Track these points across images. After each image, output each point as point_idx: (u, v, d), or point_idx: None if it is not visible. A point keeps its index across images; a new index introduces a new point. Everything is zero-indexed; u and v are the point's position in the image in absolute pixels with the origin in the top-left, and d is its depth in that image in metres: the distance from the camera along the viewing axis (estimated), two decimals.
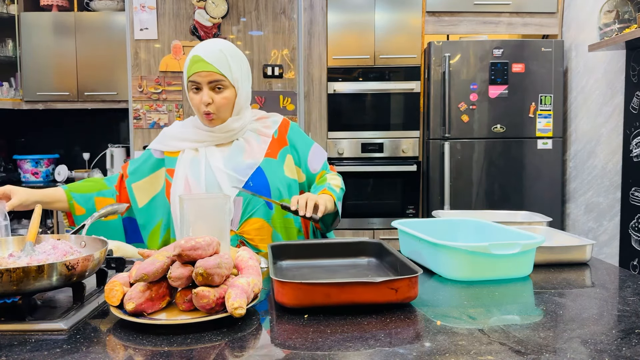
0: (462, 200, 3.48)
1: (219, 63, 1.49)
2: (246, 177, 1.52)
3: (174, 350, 0.81)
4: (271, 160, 1.57)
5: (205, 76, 1.48)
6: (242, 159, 1.55)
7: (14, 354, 0.80)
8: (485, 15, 3.63)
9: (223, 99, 1.51)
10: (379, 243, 1.30)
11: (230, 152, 1.56)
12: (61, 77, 3.94)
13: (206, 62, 1.48)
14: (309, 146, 1.67)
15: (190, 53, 1.52)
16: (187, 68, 1.51)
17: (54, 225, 3.78)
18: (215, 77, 1.49)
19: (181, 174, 1.54)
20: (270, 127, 1.64)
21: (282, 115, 1.71)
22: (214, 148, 1.57)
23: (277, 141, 1.62)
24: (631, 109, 2.81)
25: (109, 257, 1.19)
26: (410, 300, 1.01)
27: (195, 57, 1.49)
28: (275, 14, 3.61)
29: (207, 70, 1.47)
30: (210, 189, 1.50)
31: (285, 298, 0.98)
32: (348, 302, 0.98)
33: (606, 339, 0.84)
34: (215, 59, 1.49)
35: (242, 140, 1.60)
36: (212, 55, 1.49)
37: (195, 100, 1.52)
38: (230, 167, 1.53)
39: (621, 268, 1.33)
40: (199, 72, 1.48)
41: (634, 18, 2.72)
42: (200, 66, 1.47)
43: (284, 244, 1.33)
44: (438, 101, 3.45)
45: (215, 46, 1.50)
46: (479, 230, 1.42)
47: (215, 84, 1.50)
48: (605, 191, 3.18)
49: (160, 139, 1.64)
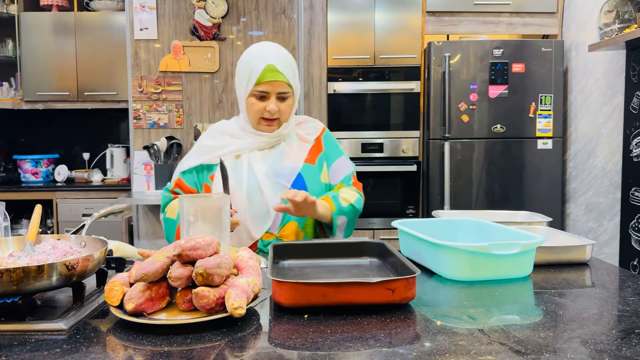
0: (462, 200, 3.48)
1: (289, 73, 1.50)
2: (289, 183, 1.52)
3: (174, 350, 0.81)
4: (310, 166, 1.58)
5: (277, 86, 1.48)
6: (284, 163, 1.55)
7: (14, 354, 0.80)
8: (485, 15, 3.63)
9: (287, 107, 1.53)
10: (382, 243, 1.29)
11: (272, 156, 1.56)
12: (61, 77, 3.94)
13: (280, 72, 1.47)
14: (337, 157, 1.66)
15: (255, 58, 1.49)
16: (258, 75, 1.47)
17: (54, 225, 3.79)
18: (285, 88, 1.50)
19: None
20: (310, 134, 1.64)
21: (319, 121, 1.71)
22: (256, 152, 1.56)
23: (315, 147, 1.62)
24: (631, 109, 2.81)
25: (109, 257, 1.19)
26: (407, 301, 1.00)
27: (269, 66, 1.47)
28: (275, 14, 3.61)
29: (279, 80, 1.47)
30: (252, 195, 1.49)
31: (282, 297, 0.99)
32: (345, 302, 0.98)
33: (606, 339, 0.84)
34: (286, 69, 1.49)
35: (284, 144, 1.59)
36: (283, 66, 1.49)
37: (258, 107, 1.50)
38: (273, 172, 1.52)
39: (621, 268, 1.33)
40: (271, 82, 1.47)
41: (634, 18, 2.72)
42: (273, 75, 1.47)
43: (286, 243, 1.33)
44: (438, 101, 3.45)
45: (283, 54, 1.51)
46: (479, 230, 1.42)
47: (283, 95, 1.50)
48: (605, 191, 3.18)
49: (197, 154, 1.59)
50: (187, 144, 3.63)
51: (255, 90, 1.49)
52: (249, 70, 1.49)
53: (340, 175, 1.64)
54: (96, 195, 3.80)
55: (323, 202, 1.49)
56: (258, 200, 1.49)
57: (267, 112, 1.50)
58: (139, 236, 3.61)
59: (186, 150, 3.63)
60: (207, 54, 3.59)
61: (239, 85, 1.55)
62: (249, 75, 1.49)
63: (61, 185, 3.94)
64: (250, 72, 1.49)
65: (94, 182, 4.07)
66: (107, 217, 1.45)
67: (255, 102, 1.50)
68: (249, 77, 1.49)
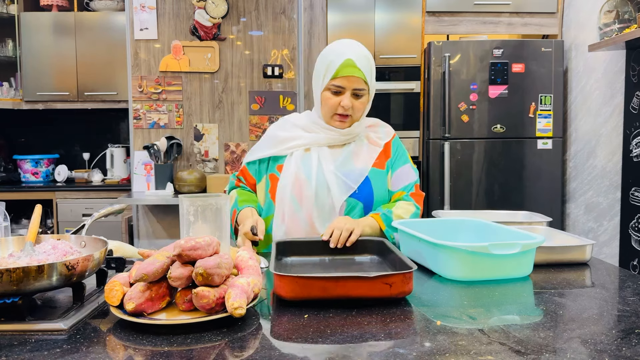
0: (462, 200, 3.48)
1: (367, 70, 1.49)
2: (356, 184, 1.52)
3: (174, 350, 0.81)
4: (378, 171, 1.57)
5: (353, 82, 1.48)
6: (352, 164, 1.55)
7: (14, 354, 0.80)
8: (485, 15, 3.63)
9: (361, 104, 1.52)
10: (381, 241, 1.32)
11: (342, 155, 1.56)
12: (61, 77, 3.94)
13: (358, 68, 1.47)
14: (402, 164, 1.64)
15: (334, 53, 1.49)
16: (335, 69, 1.48)
17: (54, 225, 3.79)
18: (361, 84, 1.49)
19: (292, 170, 1.53)
20: (381, 138, 1.63)
21: (390, 127, 1.70)
22: (325, 148, 1.56)
23: (383, 152, 1.61)
24: (631, 109, 2.81)
25: (109, 257, 1.19)
26: (404, 295, 1.02)
27: (348, 60, 1.47)
28: (275, 14, 3.61)
29: (356, 76, 1.47)
30: (320, 190, 1.50)
31: (283, 291, 1.01)
32: (344, 295, 1.00)
33: (606, 339, 0.84)
34: (364, 66, 1.49)
35: (354, 145, 1.59)
36: (362, 62, 1.48)
37: (333, 101, 1.50)
38: (342, 172, 1.53)
39: (621, 268, 1.33)
40: (348, 77, 1.47)
41: (634, 18, 2.72)
42: (351, 71, 1.47)
43: (289, 240, 1.35)
44: (438, 101, 3.45)
45: (363, 51, 1.51)
46: (479, 230, 1.42)
47: (358, 91, 1.50)
48: (605, 191, 3.18)
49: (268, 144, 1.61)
50: (187, 144, 3.63)
51: (332, 84, 1.49)
52: (327, 64, 1.50)
53: (401, 183, 1.62)
54: (96, 195, 3.80)
55: (371, 223, 1.48)
56: (325, 196, 1.51)
57: (341, 107, 1.50)
58: (139, 236, 3.61)
59: (186, 150, 3.63)
60: (207, 54, 3.59)
61: (316, 78, 1.55)
62: (327, 69, 1.50)
63: (61, 185, 3.94)
64: (328, 66, 1.49)
65: (94, 182, 4.07)
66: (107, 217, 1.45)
67: (330, 96, 1.51)
68: (326, 71, 1.50)
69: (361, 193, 1.52)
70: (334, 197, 1.50)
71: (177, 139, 3.55)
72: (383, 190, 1.57)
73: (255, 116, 3.63)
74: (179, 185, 3.44)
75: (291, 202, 1.51)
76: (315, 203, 1.50)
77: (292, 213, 1.51)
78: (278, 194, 1.53)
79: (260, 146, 1.63)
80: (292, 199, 1.51)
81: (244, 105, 3.64)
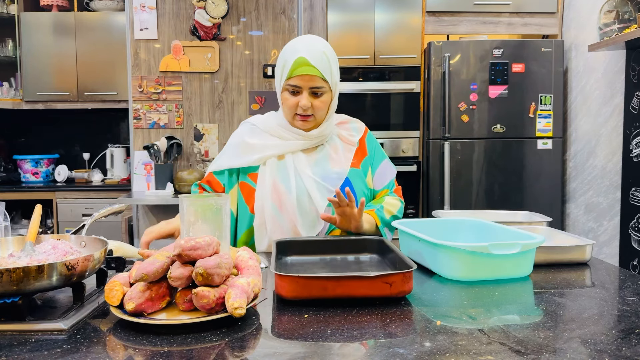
0: (462, 200, 3.48)
1: (323, 67, 1.42)
2: (335, 187, 1.47)
3: (174, 350, 0.81)
4: (356, 171, 1.55)
5: (308, 80, 1.42)
6: (330, 168, 1.51)
7: (14, 354, 0.80)
8: (485, 15, 3.63)
9: (321, 103, 1.46)
10: (382, 240, 1.32)
11: (317, 159, 1.52)
12: (61, 77, 3.94)
13: (312, 66, 1.41)
14: (381, 160, 1.62)
15: (289, 51, 1.44)
16: (289, 69, 1.43)
17: (54, 225, 3.79)
18: (318, 82, 1.43)
19: (268, 179, 1.48)
20: (353, 135, 1.60)
21: (361, 121, 1.67)
22: (300, 153, 1.51)
23: (359, 150, 1.58)
24: (631, 109, 2.81)
25: (109, 257, 1.19)
26: (404, 294, 1.02)
27: (300, 59, 1.41)
28: (275, 14, 3.61)
29: (311, 74, 1.41)
30: (301, 198, 1.46)
31: (284, 291, 1.01)
32: (344, 295, 1.00)
33: (606, 339, 0.84)
34: (320, 63, 1.42)
35: (328, 147, 1.55)
36: (316, 59, 1.42)
37: (291, 102, 1.45)
38: (319, 175, 1.49)
39: (621, 268, 1.33)
40: (301, 76, 1.42)
41: (634, 18, 2.72)
42: (305, 70, 1.41)
43: (289, 240, 1.34)
44: (438, 101, 3.45)
45: (318, 47, 1.43)
46: (479, 230, 1.42)
47: (316, 89, 1.44)
48: (605, 191, 3.18)
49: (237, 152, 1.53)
50: (187, 144, 3.63)
51: (288, 85, 1.44)
52: (283, 63, 1.45)
53: (384, 180, 1.61)
54: (96, 195, 3.80)
55: (368, 218, 1.48)
56: (306, 203, 1.46)
57: (300, 107, 1.45)
58: (139, 236, 3.61)
59: (186, 150, 3.63)
60: (207, 54, 3.59)
61: (276, 79, 1.51)
62: (282, 69, 1.45)
63: (61, 185, 3.94)
64: (284, 66, 1.45)
65: (94, 182, 4.07)
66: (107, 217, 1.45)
67: (288, 96, 1.46)
68: (282, 71, 1.45)
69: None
70: (317, 203, 1.46)
71: (177, 139, 3.55)
72: (363, 188, 1.55)
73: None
74: (179, 185, 3.44)
75: (272, 211, 1.46)
76: (298, 211, 1.46)
77: (274, 222, 1.47)
78: (257, 204, 1.48)
79: (229, 154, 1.55)
80: (273, 209, 1.46)
81: (244, 105, 3.64)
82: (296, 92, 1.45)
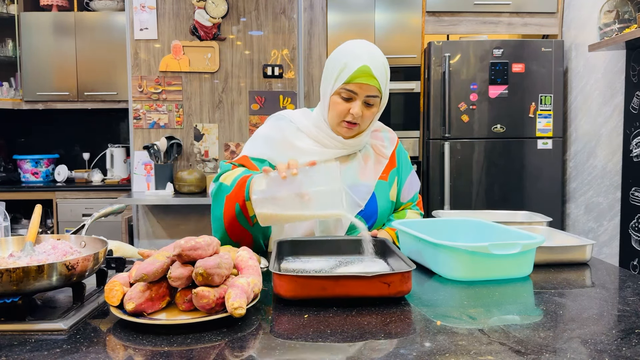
0: (462, 200, 3.48)
1: (382, 79, 1.40)
2: (364, 202, 1.47)
3: (174, 350, 0.81)
4: (383, 183, 1.53)
5: (367, 90, 1.38)
6: (359, 179, 1.49)
7: (14, 354, 0.80)
8: (485, 15, 3.63)
9: (371, 113, 1.43)
10: (382, 240, 1.32)
11: (348, 167, 1.49)
12: (61, 77, 3.94)
13: (374, 76, 1.38)
14: (409, 172, 1.61)
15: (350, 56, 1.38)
16: (349, 74, 1.37)
17: (54, 225, 3.79)
18: (374, 93, 1.40)
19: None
20: (386, 147, 1.58)
21: (392, 130, 1.65)
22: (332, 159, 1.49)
23: (389, 162, 1.57)
24: (631, 109, 2.81)
25: (109, 257, 1.19)
26: (403, 294, 1.02)
27: (364, 67, 1.37)
28: (275, 14, 3.61)
29: (371, 84, 1.38)
30: None
31: (283, 290, 1.01)
32: (342, 295, 1.00)
33: (606, 339, 0.84)
34: (381, 74, 1.39)
35: (360, 156, 1.52)
36: (379, 70, 1.39)
37: (342, 107, 1.41)
38: (349, 187, 1.45)
39: (621, 268, 1.33)
40: (361, 84, 1.37)
41: (634, 18, 2.72)
42: (366, 79, 1.37)
43: (290, 240, 1.34)
44: (438, 101, 3.45)
45: (380, 59, 1.41)
46: (479, 230, 1.42)
47: (370, 99, 1.41)
48: (605, 191, 3.18)
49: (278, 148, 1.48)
50: (187, 144, 3.63)
51: (343, 89, 1.39)
52: (341, 66, 1.39)
53: (410, 194, 1.60)
54: (96, 195, 3.80)
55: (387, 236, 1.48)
56: None
57: (351, 114, 1.40)
58: (139, 236, 3.61)
59: (186, 150, 3.63)
60: (207, 54, 3.59)
61: (327, 79, 1.45)
62: (340, 72, 1.39)
63: (61, 185, 3.94)
64: (342, 69, 1.39)
65: (94, 182, 4.07)
66: (107, 217, 1.45)
67: (339, 101, 1.41)
68: (340, 74, 1.39)
69: (367, 210, 1.49)
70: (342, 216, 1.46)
71: (177, 139, 3.55)
72: (385, 202, 1.54)
73: (255, 116, 3.63)
74: (179, 185, 3.44)
75: None
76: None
77: (292, 226, 1.46)
78: None
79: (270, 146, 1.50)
80: None
81: (244, 105, 3.65)
82: (350, 98, 1.41)
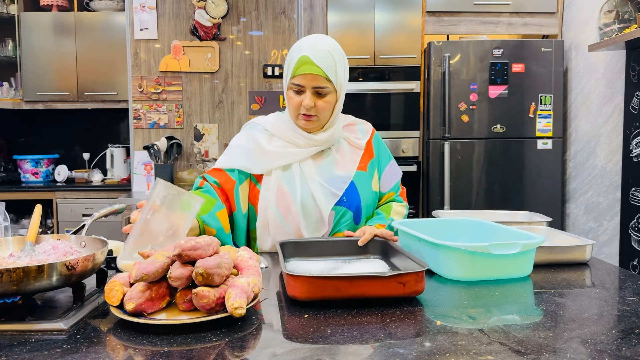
0: (462, 200, 3.48)
1: (327, 67, 1.40)
2: (341, 191, 1.48)
3: (174, 350, 0.81)
4: (362, 174, 1.54)
5: (311, 80, 1.40)
6: (335, 171, 1.51)
7: (14, 354, 0.80)
8: (485, 15, 3.63)
9: (325, 103, 1.44)
10: (384, 241, 1.32)
11: (323, 163, 1.51)
12: (61, 77, 3.94)
13: (315, 65, 1.39)
14: (387, 162, 1.62)
15: (295, 50, 1.43)
16: (293, 67, 1.42)
17: (54, 225, 3.79)
18: (321, 82, 1.41)
19: (274, 182, 1.48)
20: (360, 138, 1.59)
21: (369, 123, 1.67)
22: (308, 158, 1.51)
23: (366, 152, 1.58)
24: (631, 109, 2.81)
25: (109, 257, 1.19)
26: (417, 294, 1.03)
27: (303, 57, 1.40)
28: (275, 14, 3.61)
29: (314, 73, 1.39)
30: (306, 201, 1.46)
31: (297, 292, 1.00)
32: (357, 295, 1.00)
33: (606, 339, 0.84)
34: (324, 62, 1.40)
35: (334, 150, 1.54)
36: (320, 58, 1.40)
37: (295, 101, 1.44)
38: (324, 179, 1.48)
39: (621, 268, 1.33)
40: (304, 75, 1.40)
41: (634, 18, 2.72)
42: (308, 69, 1.39)
43: (293, 241, 1.34)
44: (438, 101, 3.45)
45: (323, 46, 1.41)
46: (479, 230, 1.42)
47: (320, 90, 1.42)
48: (605, 191, 3.18)
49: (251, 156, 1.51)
50: (187, 144, 3.63)
51: (292, 83, 1.43)
52: (288, 62, 1.45)
53: (390, 183, 1.61)
54: (96, 195, 3.80)
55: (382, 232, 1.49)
56: (311, 207, 1.46)
57: (302, 107, 1.43)
58: None
59: (186, 150, 3.63)
60: (207, 54, 3.60)
61: (283, 78, 1.50)
62: (288, 67, 1.45)
63: (61, 185, 3.94)
64: (289, 64, 1.44)
65: (94, 182, 4.07)
66: (107, 217, 1.45)
67: (292, 95, 1.45)
68: (288, 69, 1.45)
69: (348, 200, 1.49)
70: (321, 207, 1.46)
71: (177, 139, 3.55)
72: (368, 192, 1.55)
73: (255, 116, 3.63)
74: (179, 185, 3.44)
75: (276, 217, 1.46)
76: (302, 214, 1.46)
77: (277, 226, 1.47)
78: (261, 203, 1.48)
79: (242, 156, 1.52)
80: (277, 214, 1.46)
81: (244, 105, 3.65)
82: (300, 91, 1.43)
